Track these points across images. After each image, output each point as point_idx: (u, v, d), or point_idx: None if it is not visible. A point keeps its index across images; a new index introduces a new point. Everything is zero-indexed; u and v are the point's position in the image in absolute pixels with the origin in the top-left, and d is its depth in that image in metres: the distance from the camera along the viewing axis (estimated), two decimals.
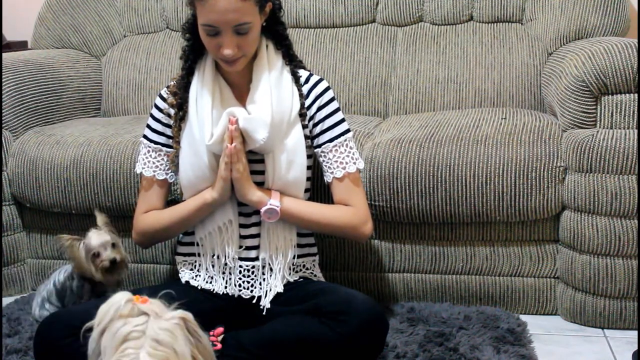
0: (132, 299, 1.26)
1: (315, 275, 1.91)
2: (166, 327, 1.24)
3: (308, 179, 1.87)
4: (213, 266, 1.85)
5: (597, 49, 1.96)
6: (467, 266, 2.10)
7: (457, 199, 2.01)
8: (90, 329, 1.27)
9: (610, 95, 1.93)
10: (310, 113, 1.84)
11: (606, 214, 1.95)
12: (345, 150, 1.83)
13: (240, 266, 1.83)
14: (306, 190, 1.86)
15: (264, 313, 1.80)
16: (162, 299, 1.31)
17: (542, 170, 1.98)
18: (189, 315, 1.28)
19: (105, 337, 1.25)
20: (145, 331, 1.23)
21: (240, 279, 1.84)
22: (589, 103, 1.95)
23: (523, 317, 2.04)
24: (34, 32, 2.88)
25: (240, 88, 1.81)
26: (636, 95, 1.91)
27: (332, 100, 1.85)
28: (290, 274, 1.84)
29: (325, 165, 1.84)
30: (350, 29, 2.66)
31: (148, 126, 1.89)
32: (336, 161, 1.83)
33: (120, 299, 1.26)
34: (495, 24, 2.56)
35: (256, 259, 1.83)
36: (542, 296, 2.10)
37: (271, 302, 1.81)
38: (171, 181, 1.90)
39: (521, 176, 1.98)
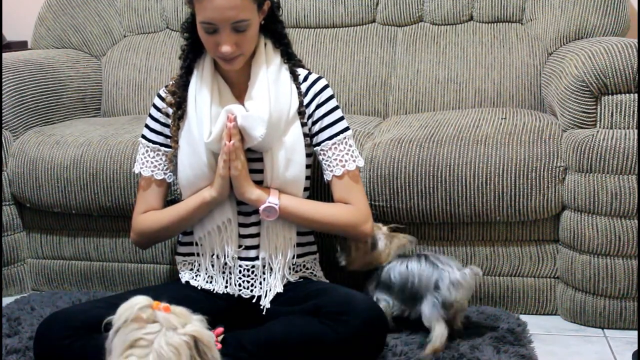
0: (152, 304, 1.25)
1: (315, 275, 1.91)
2: (173, 343, 1.23)
3: (307, 178, 1.87)
4: (213, 266, 1.85)
5: (597, 49, 1.96)
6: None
7: (457, 199, 2.01)
8: (111, 322, 1.27)
9: (610, 95, 1.93)
10: (309, 111, 1.84)
11: (606, 214, 1.95)
12: (344, 148, 1.83)
13: (240, 266, 1.83)
14: (305, 189, 1.86)
15: (264, 313, 1.80)
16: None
17: (542, 170, 1.98)
18: (203, 335, 1.27)
19: (116, 338, 1.25)
20: (153, 342, 1.22)
21: (240, 278, 1.84)
22: (589, 103, 1.95)
23: (523, 317, 2.03)
24: (34, 32, 2.88)
25: (238, 86, 1.81)
26: (636, 95, 1.91)
27: (330, 98, 1.85)
28: (290, 273, 1.84)
29: (325, 163, 1.84)
30: (350, 29, 2.66)
31: (146, 126, 1.89)
32: (335, 159, 1.83)
33: (138, 302, 1.25)
34: (495, 24, 2.56)
35: (256, 258, 1.83)
36: (542, 296, 2.10)
37: (271, 302, 1.81)
38: (169, 181, 1.90)
39: (521, 176, 1.98)
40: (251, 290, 1.84)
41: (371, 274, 1.93)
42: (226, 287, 1.85)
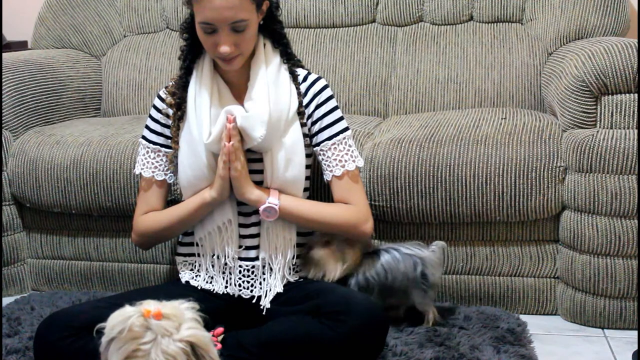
0: (143, 313, 1.25)
1: None
2: (170, 352, 1.22)
3: (307, 178, 1.87)
4: (213, 266, 1.85)
5: (597, 49, 1.96)
6: (467, 266, 2.10)
7: (457, 199, 2.01)
8: (102, 329, 1.26)
9: (610, 95, 1.93)
10: (308, 111, 1.84)
11: (606, 214, 1.95)
12: (344, 148, 1.83)
13: (240, 266, 1.83)
14: (305, 190, 1.86)
15: (264, 313, 1.80)
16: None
17: (542, 170, 1.98)
18: (200, 339, 1.26)
19: (111, 349, 1.24)
20: (150, 353, 1.22)
21: (240, 278, 1.84)
22: (589, 103, 1.95)
23: (523, 317, 2.03)
24: (34, 32, 2.88)
25: (238, 87, 1.81)
26: (636, 95, 1.91)
27: (330, 98, 1.85)
28: (290, 273, 1.84)
29: (325, 164, 1.84)
30: (350, 29, 2.66)
31: (147, 127, 1.89)
32: (335, 159, 1.83)
33: (129, 314, 1.24)
34: (495, 24, 2.56)
35: (256, 258, 1.83)
36: (542, 296, 2.10)
37: (271, 302, 1.81)
38: (170, 182, 1.90)
39: (521, 176, 1.98)
40: (251, 291, 1.84)
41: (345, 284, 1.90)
42: (226, 287, 1.85)
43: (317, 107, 1.84)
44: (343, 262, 1.85)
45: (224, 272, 1.85)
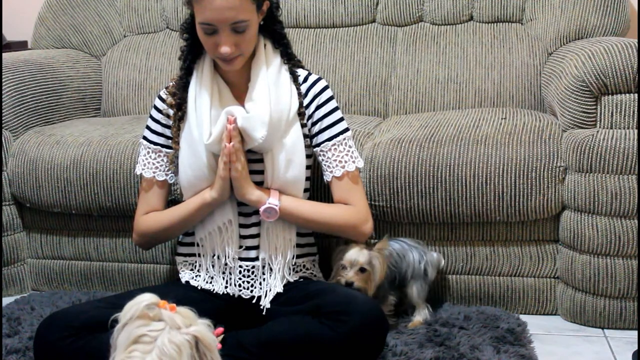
0: (158, 303, 1.26)
1: (315, 276, 1.91)
2: (175, 342, 1.24)
3: (307, 179, 1.87)
4: (213, 266, 1.85)
5: (597, 49, 1.96)
6: (467, 266, 2.10)
7: (457, 199, 2.01)
8: (116, 320, 1.28)
9: (610, 95, 1.93)
10: (308, 112, 1.84)
11: (606, 214, 1.95)
12: (344, 149, 1.83)
13: (240, 266, 1.84)
14: (305, 190, 1.86)
15: (264, 313, 1.80)
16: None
17: (542, 170, 1.99)
18: (205, 336, 1.27)
19: (122, 333, 1.26)
20: (156, 339, 1.23)
21: (240, 279, 1.84)
22: (589, 103, 1.95)
23: (523, 317, 2.04)
24: (34, 32, 2.88)
25: (238, 87, 1.81)
26: (636, 95, 1.91)
27: (330, 99, 1.85)
28: (290, 274, 1.84)
29: (325, 164, 1.84)
30: (350, 29, 2.66)
31: (147, 127, 1.89)
32: (335, 160, 1.83)
33: (145, 299, 1.26)
34: (495, 24, 2.56)
35: (256, 259, 1.83)
36: (542, 296, 2.10)
37: (271, 302, 1.81)
38: (171, 182, 1.91)
39: (521, 176, 1.98)
40: (251, 291, 1.84)
41: None
42: (226, 287, 1.85)
43: (318, 108, 1.84)
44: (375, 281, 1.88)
45: (224, 272, 1.85)
